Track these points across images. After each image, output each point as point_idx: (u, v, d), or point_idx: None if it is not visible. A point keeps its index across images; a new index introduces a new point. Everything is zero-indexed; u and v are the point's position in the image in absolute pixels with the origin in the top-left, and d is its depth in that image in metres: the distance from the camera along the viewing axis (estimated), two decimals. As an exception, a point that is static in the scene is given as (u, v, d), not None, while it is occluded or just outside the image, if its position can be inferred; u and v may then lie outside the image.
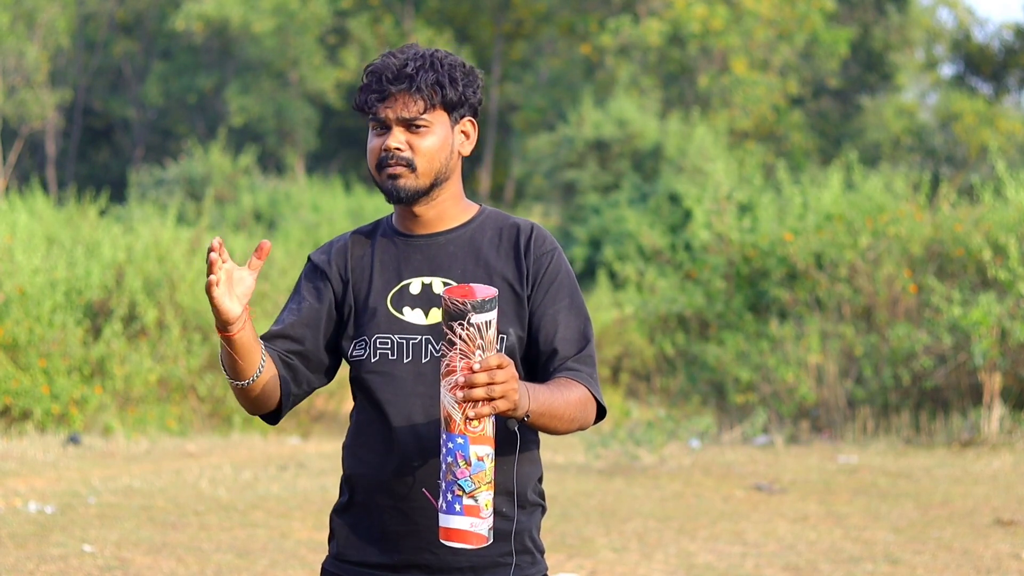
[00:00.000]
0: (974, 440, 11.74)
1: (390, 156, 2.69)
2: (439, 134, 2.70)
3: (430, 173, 2.70)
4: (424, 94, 2.67)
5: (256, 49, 36.78)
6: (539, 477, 2.77)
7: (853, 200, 13.79)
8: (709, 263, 13.90)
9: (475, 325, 2.42)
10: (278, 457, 11.33)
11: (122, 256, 13.91)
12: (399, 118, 2.68)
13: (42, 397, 12.50)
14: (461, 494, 2.48)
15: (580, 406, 2.67)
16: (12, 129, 36.79)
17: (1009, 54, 35.74)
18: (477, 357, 2.43)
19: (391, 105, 2.68)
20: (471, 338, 2.43)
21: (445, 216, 2.76)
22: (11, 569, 6.63)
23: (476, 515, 2.49)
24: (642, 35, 33.12)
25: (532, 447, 2.75)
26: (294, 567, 6.88)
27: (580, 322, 2.73)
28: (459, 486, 2.47)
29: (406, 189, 2.69)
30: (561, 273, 2.73)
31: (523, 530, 2.72)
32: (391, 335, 2.71)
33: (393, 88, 2.67)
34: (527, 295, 2.71)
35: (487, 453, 2.47)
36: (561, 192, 28.08)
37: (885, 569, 6.97)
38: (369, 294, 2.75)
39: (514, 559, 2.71)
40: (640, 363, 17.23)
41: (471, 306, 2.42)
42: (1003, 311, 11.95)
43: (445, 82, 2.68)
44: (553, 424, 2.62)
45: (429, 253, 2.74)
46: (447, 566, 2.69)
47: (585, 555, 7.24)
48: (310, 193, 27.80)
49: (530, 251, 2.73)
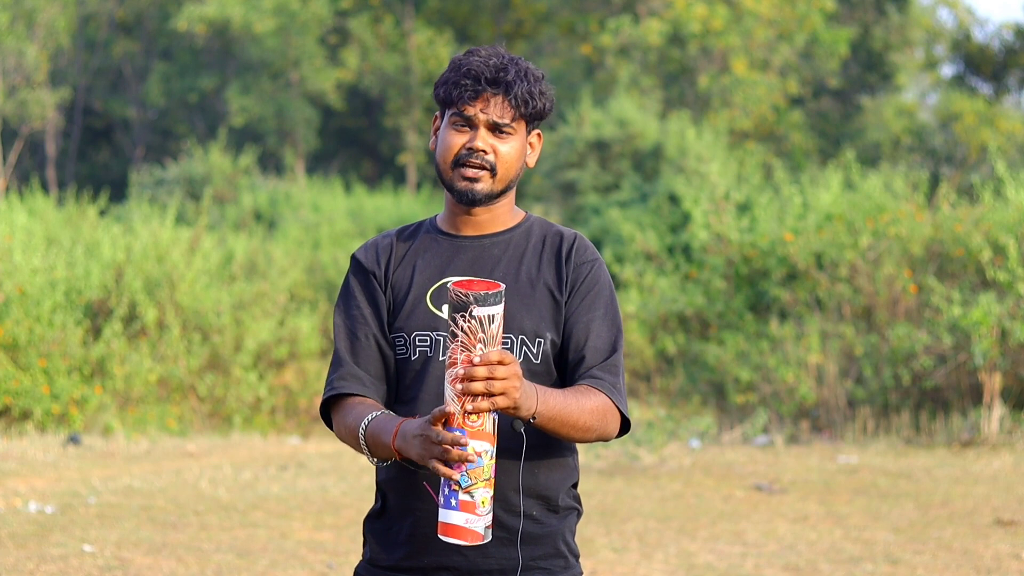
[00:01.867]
0: (974, 440, 11.74)
1: (474, 155, 2.70)
2: (519, 143, 2.74)
3: (505, 179, 2.73)
4: (518, 103, 2.70)
5: (257, 49, 36.77)
6: (574, 483, 2.78)
7: (853, 200, 13.79)
8: (709, 263, 13.90)
9: (476, 318, 2.44)
10: (278, 457, 11.33)
11: (122, 256, 13.91)
12: (490, 121, 2.70)
13: (42, 397, 12.50)
14: (457, 489, 2.48)
15: (598, 415, 2.65)
16: (12, 129, 36.78)
17: (1009, 54, 35.72)
18: (478, 351, 2.43)
19: (483, 106, 2.70)
20: (472, 330, 2.44)
21: (496, 221, 2.78)
22: (11, 569, 6.63)
23: (472, 511, 2.49)
24: (642, 35, 33.10)
25: (567, 453, 2.75)
26: (294, 567, 6.88)
27: (612, 333, 2.74)
28: (455, 481, 2.47)
29: (482, 193, 2.72)
30: (600, 283, 2.75)
31: (555, 534, 2.72)
32: (429, 332, 2.71)
33: (490, 90, 2.69)
34: (565, 301, 2.73)
35: (485, 449, 2.47)
36: (561, 192, 28.06)
37: (885, 569, 6.97)
38: (410, 290, 2.75)
39: (551, 562, 2.71)
40: (640, 363, 17.23)
41: (473, 298, 2.44)
42: (1003, 311, 11.95)
43: (536, 94, 2.71)
44: (565, 431, 2.61)
45: (474, 254, 2.76)
46: (476, 568, 2.69)
47: (585, 555, 7.24)
48: (310, 193, 27.79)
49: (571, 259, 2.74)
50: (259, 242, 17.79)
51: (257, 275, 15.72)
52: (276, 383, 14.26)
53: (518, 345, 2.69)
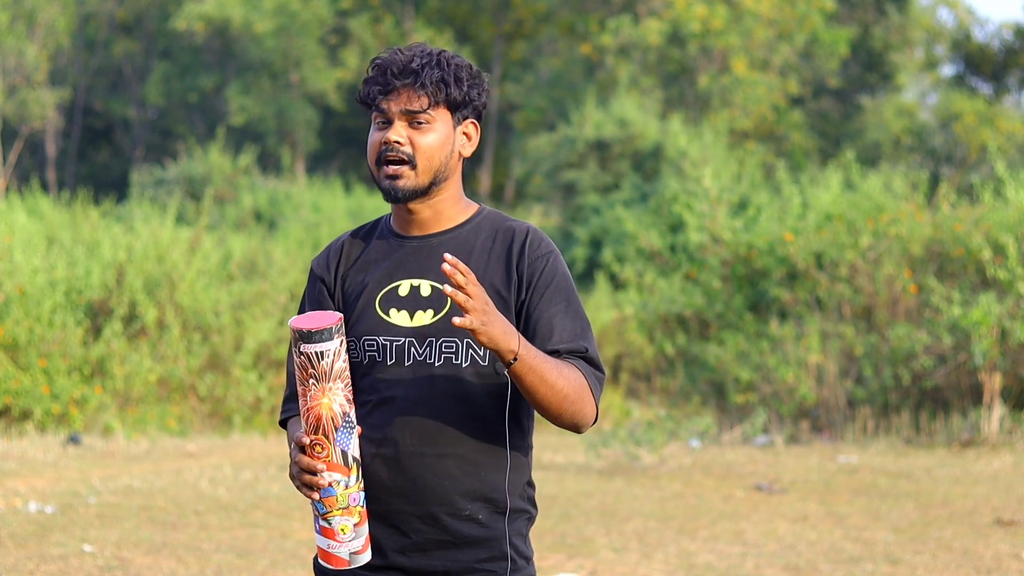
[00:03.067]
0: (974, 440, 11.74)
1: (390, 149, 2.67)
2: (441, 132, 2.69)
3: (429, 171, 2.68)
4: (429, 90, 2.66)
5: (257, 49, 36.78)
6: (527, 482, 2.74)
7: (853, 200, 13.79)
8: (707, 264, 13.91)
9: (305, 354, 2.50)
10: (278, 457, 11.33)
11: (123, 256, 13.91)
12: (402, 111, 2.67)
13: (42, 397, 12.49)
14: (317, 515, 2.58)
15: (574, 387, 2.61)
16: (12, 129, 36.79)
17: (1009, 54, 35.72)
18: (311, 385, 2.50)
19: (395, 99, 2.67)
20: (303, 365, 2.51)
21: (442, 217, 2.74)
22: (11, 569, 6.63)
23: (332, 538, 2.58)
24: (642, 35, 33.11)
25: (519, 453, 2.71)
26: (294, 567, 6.88)
27: (577, 325, 2.68)
28: (315, 507, 2.58)
29: (404, 189, 2.68)
30: (557, 277, 2.69)
31: (500, 537, 2.69)
32: (376, 336, 2.68)
33: (398, 82, 2.66)
34: (523, 299, 2.68)
35: (337, 479, 2.54)
36: (561, 192, 28.06)
37: (885, 569, 6.97)
38: (361, 294, 2.73)
39: (498, 565, 2.69)
40: (640, 363, 17.23)
41: (299, 335, 2.50)
42: (1003, 311, 11.95)
43: (450, 80, 2.67)
44: (543, 390, 2.57)
45: (421, 255, 2.72)
46: (423, 569, 2.68)
47: (585, 555, 7.24)
48: (310, 193, 27.79)
49: (524, 255, 2.69)
50: (259, 242, 17.78)
51: (257, 275, 15.72)
52: (276, 383, 14.26)
53: (463, 347, 2.65)
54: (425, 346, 2.66)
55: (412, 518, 2.67)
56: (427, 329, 2.66)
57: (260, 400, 14.21)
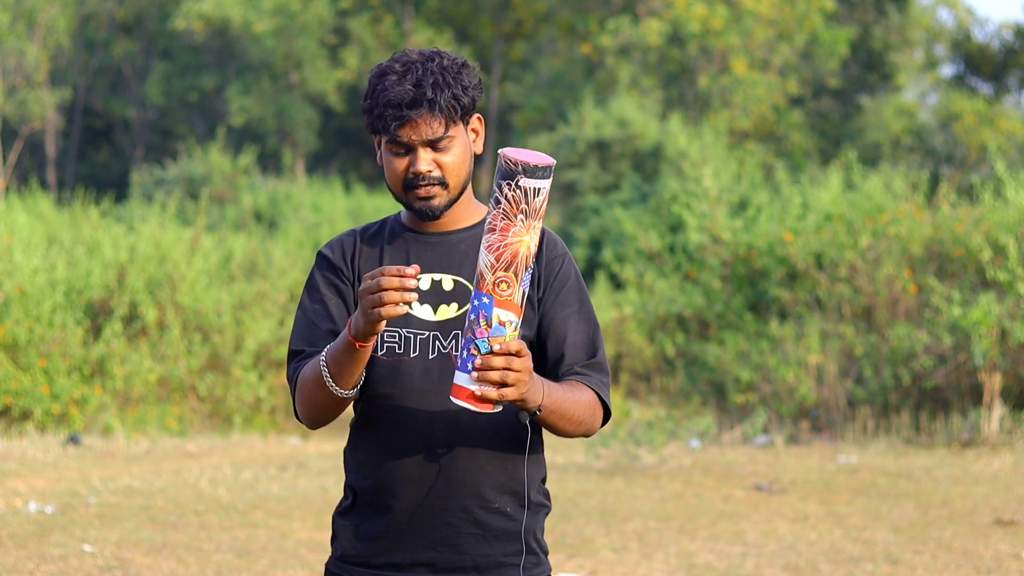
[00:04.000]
0: (974, 440, 11.74)
1: (420, 179, 2.66)
2: (461, 145, 2.69)
3: (459, 184, 2.69)
4: (445, 113, 2.64)
5: (257, 49, 36.78)
6: (543, 478, 2.77)
7: (853, 200, 13.80)
8: (707, 264, 13.91)
9: (522, 188, 2.43)
10: (278, 457, 11.33)
11: (123, 256, 13.91)
12: (424, 140, 2.65)
13: (42, 397, 12.50)
14: (476, 354, 2.46)
15: (589, 410, 2.67)
16: (12, 129, 36.79)
17: (1009, 54, 35.71)
18: (517, 221, 2.43)
19: (413, 129, 2.64)
20: (515, 200, 2.43)
21: (459, 217, 2.75)
22: (11, 569, 6.63)
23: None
24: (642, 35, 33.10)
25: (537, 448, 2.74)
26: (294, 567, 6.88)
27: (589, 328, 2.72)
28: (475, 346, 2.46)
29: (440, 207, 2.69)
30: (571, 278, 2.73)
31: (528, 530, 2.71)
32: (399, 329, 2.68)
33: (413, 113, 2.62)
34: (539, 297, 2.70)
35: (510, 319, 2.45)
36: (561, 192, 28.06)
37: (885, 569, 6.97)
38: None
39: (523, 559, 2.70)
40: (640, 363, 17.23)
41: (522, 168, 2.42)
42: (1003, 311, 11.95)
43: (460, 93, 2.65)
44: (562, 424, 2.62)
45: (441, 250, 2.73)
46: (451, 565, 2.68)
47: (585, 555, 7.24)
48: (310, 193, 27.79)
49: (541, 255, 2.71)
50: (259, 242, 17.78)
51: (257, 275, 15.71)
52: (276, 383, 14.26)
53: None
54: (450, 339, 2.67)
55: (444, 512, 2.66)
56: (452, 322, 2.67)
57: (260, 400, 14.21)
